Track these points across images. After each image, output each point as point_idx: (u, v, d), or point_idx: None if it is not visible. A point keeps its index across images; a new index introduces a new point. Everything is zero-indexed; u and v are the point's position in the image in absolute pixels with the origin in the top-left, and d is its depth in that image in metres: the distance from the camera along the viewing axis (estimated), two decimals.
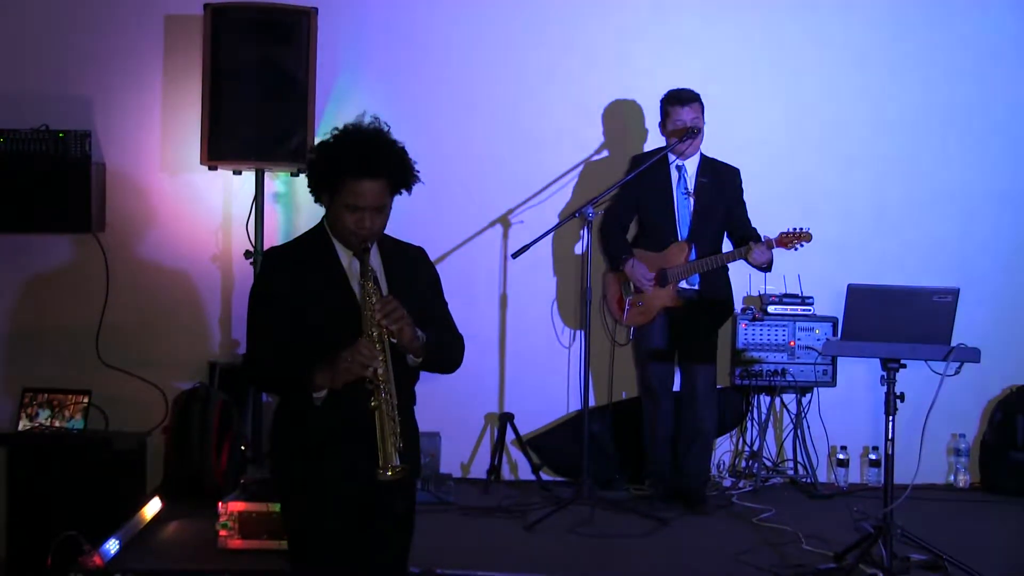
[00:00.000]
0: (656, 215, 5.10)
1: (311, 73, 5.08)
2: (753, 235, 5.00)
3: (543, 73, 5.63)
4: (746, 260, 4.88)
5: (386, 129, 2.82)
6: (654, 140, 5.45)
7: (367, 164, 2.74)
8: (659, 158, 5.04)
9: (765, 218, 5.11)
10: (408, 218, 5.50)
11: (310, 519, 2.84)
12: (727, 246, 5.13)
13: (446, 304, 3.02)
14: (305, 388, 2.70)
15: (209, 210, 5.49)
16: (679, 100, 5.00)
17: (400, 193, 2.89)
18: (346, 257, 2.85)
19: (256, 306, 2.85)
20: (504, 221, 5.62)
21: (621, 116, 5.65)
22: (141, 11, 5.49)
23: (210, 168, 5.13)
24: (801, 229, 4.79)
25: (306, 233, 2.96)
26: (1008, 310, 5.65)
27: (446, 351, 2.96)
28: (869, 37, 5.68)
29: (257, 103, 5.01)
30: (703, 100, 5.02)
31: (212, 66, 5.05)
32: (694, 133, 4.96)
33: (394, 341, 2.71)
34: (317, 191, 2.85)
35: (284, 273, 2.82)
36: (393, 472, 2.63)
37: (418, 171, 2.88)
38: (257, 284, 2.90)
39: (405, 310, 2.72)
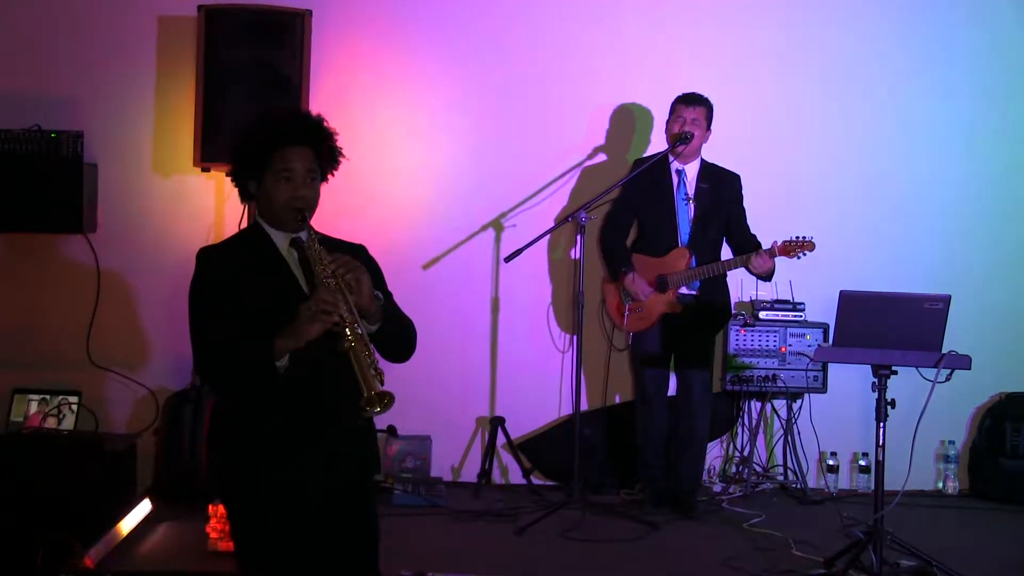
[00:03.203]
0: (656, 219, 5.10)
1: (305, 75, 5.07)
2: (751, 242, 5.02)
3: (539, 76, 5.64)
4: (747, 268, 4.89)
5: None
6: (656, 149, 5.44)
7: (292, 132, 2.80)
8: (661, 163, 5.05)
9: (756, 224, 5.13)
10: (401, 220, 5.57)
11: (259, 530, 2.71)
12: (726, 251, 5.15)
13: (392, 296, 2.90)
14: (267, 357, 2.58)
15: (201, 212, 5.47)
16: (684, 99, 5.03)
17: (326, 178, 2.87)
18: (283, 245, 2.81)
19: (197, 303, 2.75)
20: (497, 225, 5.62)
21: (621, 121, 5.65)
22: (134, 12, 5.47)
23: (203, 170, 5.12)
24: (804, 238, 4.78)
25: (238, 232, 2.94)
26: (998, 317, 5.67)
27: (401, 326, 2.85)
28: (865, 47, 5.70)
29: (250, 105, 4.99)
30: (712, 108, 5.05)
31: (205, 67, 5.04)
32: (686, 139, 4.97)
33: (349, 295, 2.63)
34: (244, 178, 2.82)
35: (221, 266, 2.76)
36: (382, 405, 2.52)
37: (340, 147, 2.87)
38: (195, 282, 2.77)
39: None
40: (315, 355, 2.63)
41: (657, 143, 5.48)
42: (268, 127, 2.82)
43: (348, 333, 2.56)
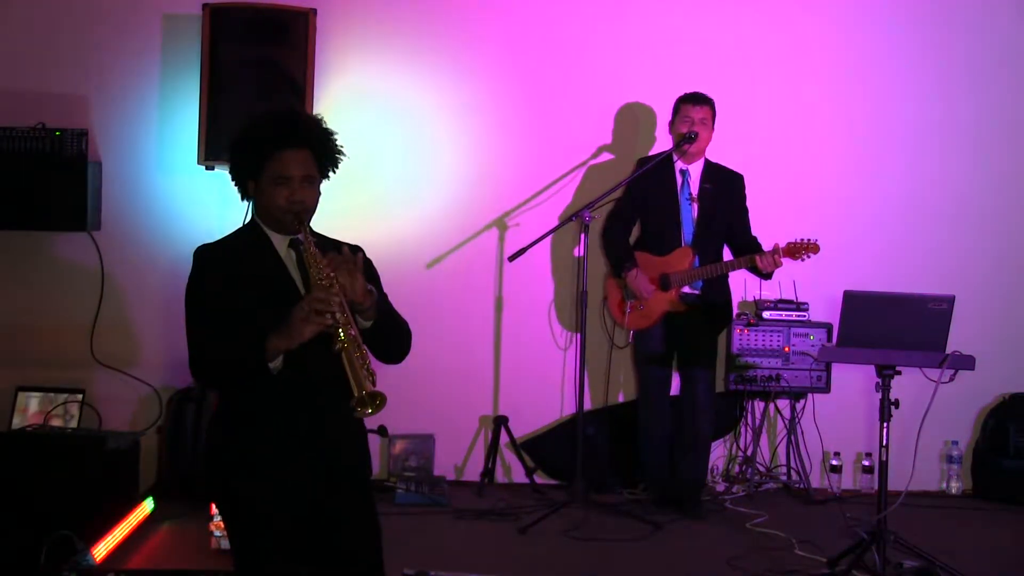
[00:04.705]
0: (660, 219, 5.10)
1: (309, 74, 5.08)
2: (752, 243, 5.02)
3: (544, 75, 5.64)
4: (751, 268, 4.90)
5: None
6: (660, 148, 5.44)
7: (290, 134, 2.76)
8: (665, 162, 5.04)
9: (761, 224, 5.13)
10: (405, 219, 5.57)
11: (256, 533, 2.71)
12: (727, 251, 5.14)
13: (387, 297, 2.88)
14: (259, 358, 2.58)
15: (205, 210, 5.47)
16: (691, 99, 5.03)
17: (327, 176, 2.85)
18: (282, 246, 2.79)
19: (194, 301, 2.75)
20: (500, 224, 5.62)
21: (627, 121, 5.65)
22: (139, 10, 5.48)
23: (207, 168, 5.13)
24: (808, 240, 4.79)
25: (237, 230, 2.91)
26: (1002, 318, 5.67)
27: (396, 325, 2.83)
28: (870, 46, 5.70)
29: (255, 104, 4.98)
30: (716, 108, 5.05)
31: (210, 66, 5.05)
32: (690, 138, 4.97)
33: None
34: (242, 178, 2.82)
35: (218, 266, 2.75)
36: (373, 405, 2.51)
37: (341, 146, 2.85)
38: (192, 281, 2.77)
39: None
40: (309, 356, 2.62)
41: (662, 143, 5.48)
42: (264, 129, 2.78)
43: (341, 334, 2.55)
